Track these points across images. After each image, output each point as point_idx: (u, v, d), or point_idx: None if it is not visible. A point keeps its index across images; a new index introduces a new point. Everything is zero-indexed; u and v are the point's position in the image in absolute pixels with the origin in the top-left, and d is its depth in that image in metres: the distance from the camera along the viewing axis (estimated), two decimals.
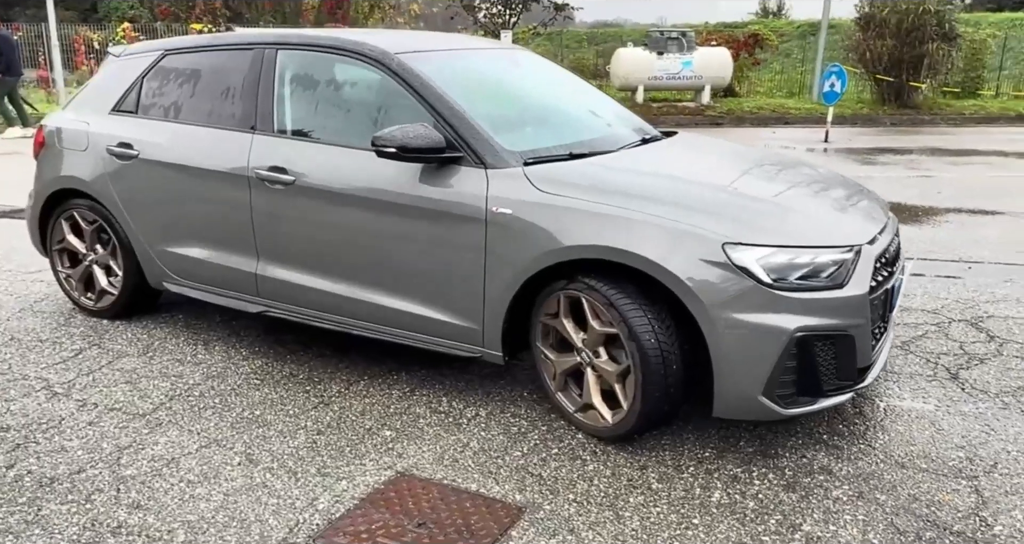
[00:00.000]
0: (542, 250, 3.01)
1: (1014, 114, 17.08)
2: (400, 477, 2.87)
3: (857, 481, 2.84)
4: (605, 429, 3.08)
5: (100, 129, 4.16)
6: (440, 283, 3.30)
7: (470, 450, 3.07)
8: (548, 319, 3.20)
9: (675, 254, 2.80)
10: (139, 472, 2.89)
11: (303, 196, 3.52)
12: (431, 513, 2.66)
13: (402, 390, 3.57)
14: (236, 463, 2.96)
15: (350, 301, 3.53)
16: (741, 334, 2.76)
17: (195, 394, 3.52)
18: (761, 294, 2.74)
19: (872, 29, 16.69)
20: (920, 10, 16.17)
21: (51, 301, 4.72)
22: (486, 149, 3.20)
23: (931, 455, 3.02)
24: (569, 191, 3.04)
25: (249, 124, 3.72)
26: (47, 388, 3.56)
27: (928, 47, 16.33)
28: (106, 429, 3.20)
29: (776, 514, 2.65)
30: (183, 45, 4.10)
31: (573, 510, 2.67)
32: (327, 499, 2.73)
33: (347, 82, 3.72)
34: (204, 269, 3.93)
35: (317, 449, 3.06)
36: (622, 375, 2.96)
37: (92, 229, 4.27)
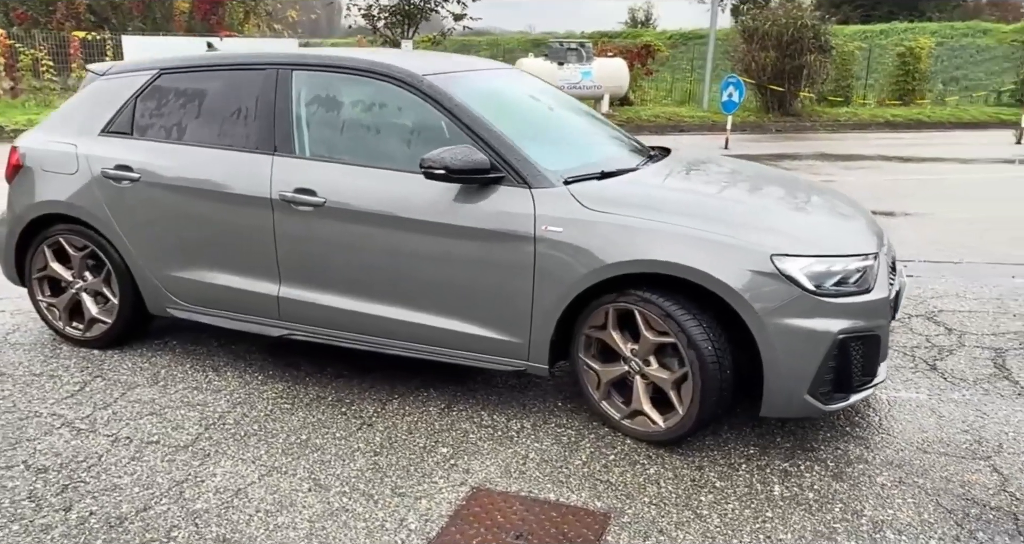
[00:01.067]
0: (596, 266, 3.14)
1: (883, 120, 18.52)
2: (478, 492, 2.94)
3: (893, 468, 3.12)
4: (657, 433, 3.24)
5: (91, 151, 3.99)
6: (483, 300, 3.37)
7: (532, 461, 3.16)
8: (593, 331, 3.33)
9: (728, 266, 3.00)
10: (209, 505, 2.84)
11: (334, 218, 3.51)
12: (522, 525, 2.74)
13: (438, 407, 3.62)
14: (306, 489, 2.95)
15: (384, 320, 3.55)
16: (790, 338, 2.98)
17: (229, 422, 3.45)
18: (807, 301, 2.98)
19: (755, 41, 17.71)
20: (799, 24, 17.29)
21: (24, 332, 4.47)
22: (528, 169, 3.31)
23: (944, 440, 3.35)
24: (617, 208, 3.19)
25: (268, 146, 3.67)
26: (67, 424, 3.40)
27: (807, 59, 17.48)
28: (153, 463, 3.11)
29: (836, 503, 2.89)
30: (181, 64, 3.99)
31: (654, 512, 2.82)
32: (415, 519, 2.77)
33: (374, 104, 3.73)
34: (216, 293, 3.84)
35: (381, 470, 3.08)
36: (677, 382, 3.13)
37: (81, 256, 4.08)
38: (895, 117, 18.70)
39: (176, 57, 4.06)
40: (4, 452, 3.16)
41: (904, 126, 18.41)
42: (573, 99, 4.59)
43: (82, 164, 3.98)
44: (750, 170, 4.18)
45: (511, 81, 4.18)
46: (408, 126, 3.65)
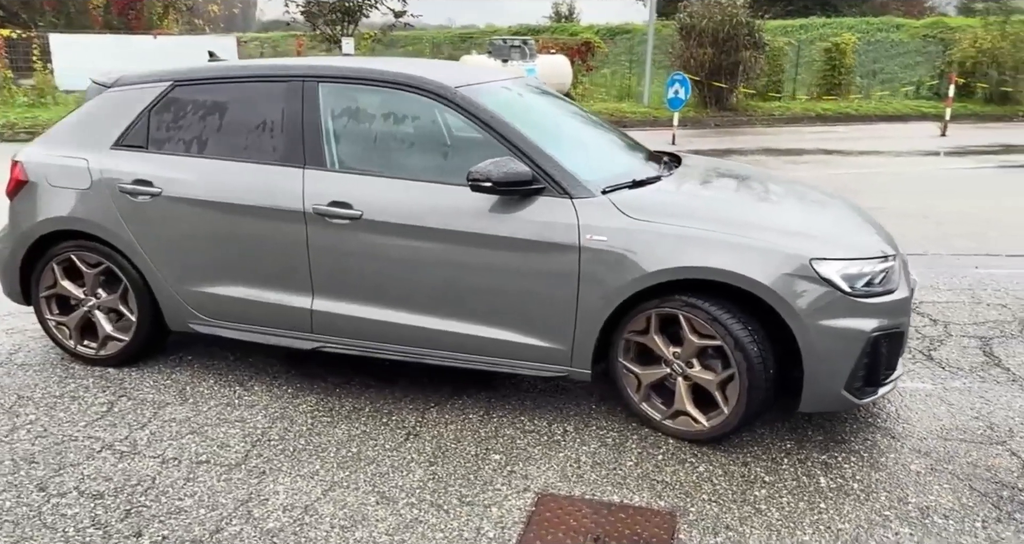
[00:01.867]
0: (641, 273, 3.25)
1: (814, 114, 19.20)
2: (544, 497, 3.02)
3: (922, 456, 3.33)
4: (700, 432, 3.38)
5: (105, 166, 3.89)
6: (525, 308, 3.44)
7: (585, 465, 3.26)
8: (633, 336, 3.45)
9: (771, 271, 3.14)
10: (282, 524, 2.84)
11: (371, 230, 3.53)
12: (596, 528, 2.84)
13: (477, 414, 3.68)
14: (374, 502, 2.98)
15: (424, 331, 3.58)
16: (829, 338, 3.15)
17: (274, 438, 3.44)
18: (843, 302, 3.15)
19: (693, 38, 18.12)
20: (734, 21, 17.77)
21: (28, 352, 4.33)
22: (568, 180, 3.39)
23: (959, 427, 3.58)
24: (658, 217, 3.31)
25: (297, 159, 3.66)
26: (108, 447, 3.34)
27: (742, 55, 17.99)
28: (210, 483, 3.08)
29: (880, 491, 3.07)
30: (197, 76, 3.92)
31: (716, 509, 2.95)
32: (491, 527, 2.84)
33: (406, 116, 3.75)
34: (243, 308, 3.81)
35: (442, 480, 3.13)
36: (723, 383, 3.27)
37: (95, 272, 3.98)
38: (825, 111, 19.41)
39: (190, 68, 4.00)
40: (51, 479, 3.09)
41: (834, 119, 19.11)
42: (577, 106, 4.69)
43: (96, 179, 3.89)
44: (761, 175, 4.35)
45: (524, 90, 4.24)
46: (443, 138, 3.68)
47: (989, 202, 8.78)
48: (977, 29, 22.27)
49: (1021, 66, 20.80)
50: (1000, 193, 9.45)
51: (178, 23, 37.78)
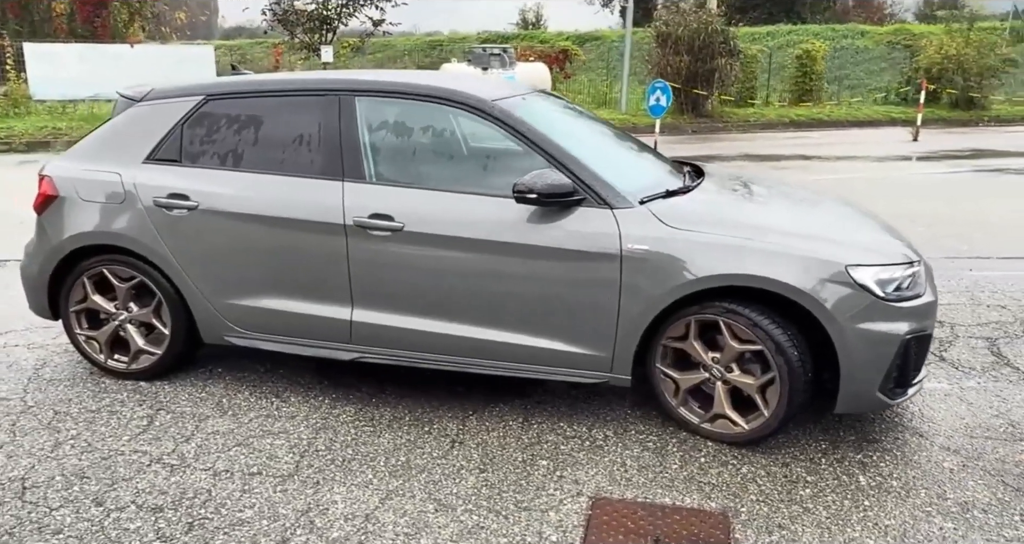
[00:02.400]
0: (682, 280, 3.34)
1: (788, 120, 19.56)
2: (599, 501, 3.10)
3: (951, 453, 3.46)
4: (740, 434, 3.47)
5: (140, 180, 3.90)
6: (566, 317, 3.52)
7: (631, 468, 3.34)
8: (671, 342, 3.54)
9: (808, 277, 3.26)
10: (346, 533, 2.88)
11: (413, 242, 3.58)
12: (654, 530, 2.92)
13: (516, 420, 3.74)
14: (432, 510, 3.03)
15: (464, 340, 3.64)
16: (865, 342, 3.27)
17: (321, 449, 3.47)
18: (878, 306, 3.27)
19: (669, 46, 18.37)
20: (709, 29, 18.05)
21: (55, 367, 4.31)
22: (607, 191, 3.48)
23: (982, 425, 3.72)
24: (697, 226, 3.41)
25: (336, 172, 3.70)
26: (157, 461, 3.35)
27: (718, 62, 18.27)
28: (267, 495, 3.11)
29: (919, 488, 3.19)
30: (230, 90, 3.95)
31: (766, 509, 3.05)
32: (553, 531, 2.90)
33: (444, 129, 3.81)
34: (282, 319, 3.84)
35: (495, 486, 3.19)
36: (763, 386, 3.38)
37: (128, 286, 3.99)
38: (799, 117, 19.78)
39: (222, 82, 4.03)
40: (107, 493, 3.10)
41: (807, 125, 19.49)
42: (596, 116, 4.78)
43: (129, 193, 3.89)
44: (779, 183, 4.48)
45: (547, 102, 4.32)
46: (482, 151, 3.75)
47: (970, 205, 9.04)
48: (942, 36, 22.82)
49: (985, 72, 21.37)
50: (979, 196, 9.73)
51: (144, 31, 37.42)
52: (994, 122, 21.23)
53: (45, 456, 3.38)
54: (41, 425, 3.65)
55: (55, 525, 2.90)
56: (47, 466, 3.30)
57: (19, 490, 3.12)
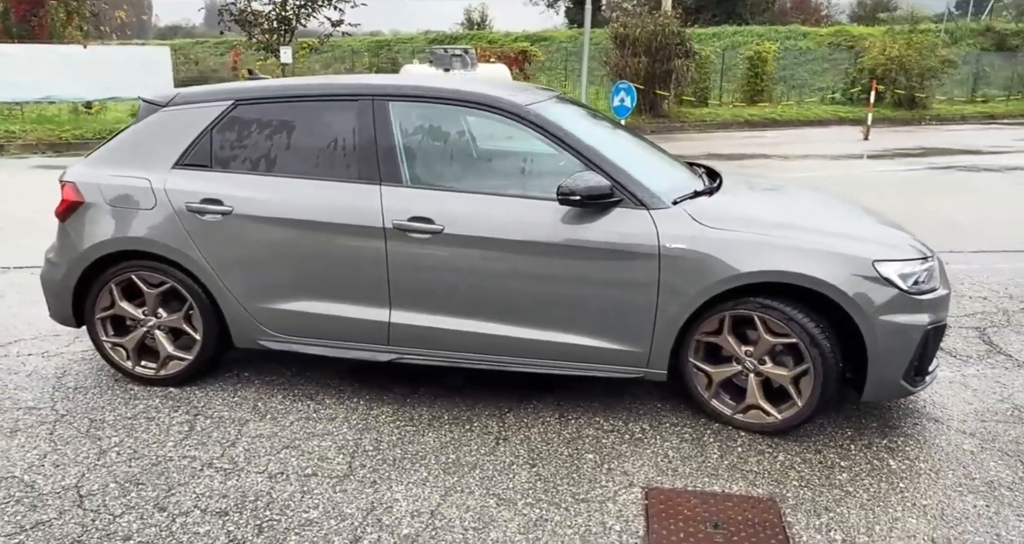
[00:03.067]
0: (719, 277, 3.49)
1: (743, 120, 20.04)
2: (652, 491, 3.22)
3: (968, 436, 3.68)
4: (772, 424, 3.63)
5: (170, 185, 3.89)
6: (605, 315, 3.64)
7: (674, 459, 3.47)
8: (704, 336, 3.68)
9: (840, 273, 3.43)
10: (416, 529, 2.95)
11: (453, 244, 3.66)
12: (709, 517, 3.05)
13: (552, 417, 3.85)
14: (494, 505, 3.11)
15: (503, 339, 3.73)
16: (892, 333, 3.46)
17: (369, 449, 3.53)
18: (903, 299, 3.47)
19: (627, 47, 18.66)
20: (666, 31, 18.39)
21: (76, 376, 4.27)
22: (643, 192, 3.61)
23: (989, 409, 3.95)
24: (732, 225, 3.55)
25: (372, 176, 3.75)
26: (209, 466, 3.36)
27: (674, 63, 18.63)
28: (327, 495, 3.16)
29: (947, 469, 3.39)
30: (259, 95, 3.96)
31: (810, 494, 3.21)
32: (615, 521, 3.02)
33: (479, 134, 3.89)
34: (318, 323, 3.87)
35: (549, 480, 3.29)
36: (796, 377, 3.54)
37: (158, 292, 3.97)
38: (752, 116, 20.28)
39: (251, 86, 4.04)
40: (166, 499, 3.11)
41: (761, 125, 20.00)
42: (611, 119, 4.91)
43: (160, 198, 3.88)
44: (788, 184, 4.67)
45: (568, 107, 4.42)
46: (518, 154, 3.84)
47: (933, 202, 9.44)
48: (884, 38, 23.62)
49: (927, 73, 22.19)
50: (938, 193, 10.16)
51: (82, 31, 36.43)
52: (935, 121, 22.09)
53: (93, 464, 3.36)
54: (80, 433, 3.62)
55: (122, 532, 2.90)
56: (98, 474, 3.29)
57: (76, 498, 3.10)
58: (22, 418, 3.76)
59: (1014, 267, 6.50)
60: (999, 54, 29.88)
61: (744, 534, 2.93)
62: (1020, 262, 6.63)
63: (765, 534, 2.93)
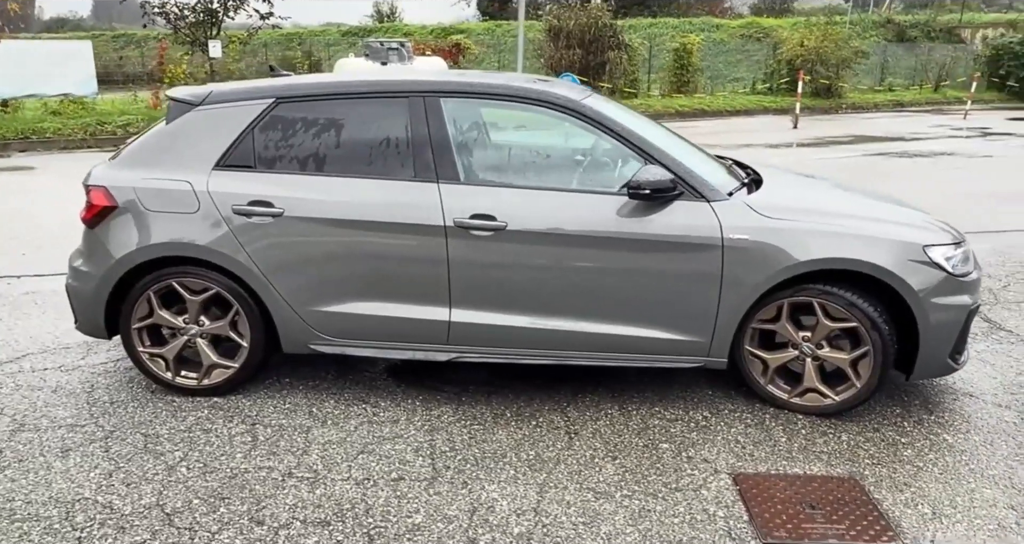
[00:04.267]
0: (782, 266, 3.59)
1: (673, 110, 20.45)
2: (739, 476, 3.30)
3: (1004, 409, 3.90)
4: (829, 406, 3.77)
5: (214, 187, 3.75)
6: (668, 306, 3.70)
7: (746, 445, 3.56)
8: (760, 324, 3.79)
9: (896, 258, 3.58)
10: (526, 528, 2.95)
11: (516, 240, 3.65)
12: (802, 498, 3.15)
13: (613, 409, 3.89)
14: (592, 498, 3.14)
15: (567, 334, 3.75)
16: (941, 313, 3.63)
17: (445, 449, 3.49)
18: (949, 281, 3.65)
19: (561, 39, 18.80)
20: (599, 23, 18.62)
21: (107, 390, 4.07)
22: (702, 185, 3.68)
23: (1014, 382, 4.20)
24: (790, 215, 3.66)
25: (429, 174, 3.70)
26: (290, 475, 3.27)
27: (608, 55, 18.88)
28: (424, 498, 3.12)
29: (999, 441, 3.59)
30: (301, 93, 3.85)
31: (884, 470, 3.35)
32: (716, 506, 3.08)
33: (544, 131, 3.88)
34: (375, 324, 3.80)
35: (635, 471, 3.33)
36: (855, 360, 3.68)
37: (201, 299, 3.82)
38: (683, 107, 20.73)
39: (291, 84, 3.93)
40: (260, 512, 3.01)
41: (691, 115, 20.47)
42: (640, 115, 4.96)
43: (204, 201, 3.74)
44: (813, 175, 4.82)
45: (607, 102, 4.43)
46: (573, 149, 3.85)
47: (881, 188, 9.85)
48: (794, 30, 24.49)
49: (842, 63, 23.12)
50: (881, 178, 10.62)
51: None
52: (850, 109, 23.07)
53: (165, 480, 3.23)
54: (138, 449, 3.46)
55: None
56: (176, 490, 3.15)
57: (163, 517, 2.97)
58: (68, 436, 3.57)
59: (982, 247, 6.87)
60: (900, 45, 31.35)
61: (841, 513, 3.04)
62: (987, 242, 7.02)
63: (860, 512, 3.05)
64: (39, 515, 2.98)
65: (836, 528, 2.95)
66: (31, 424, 3.68)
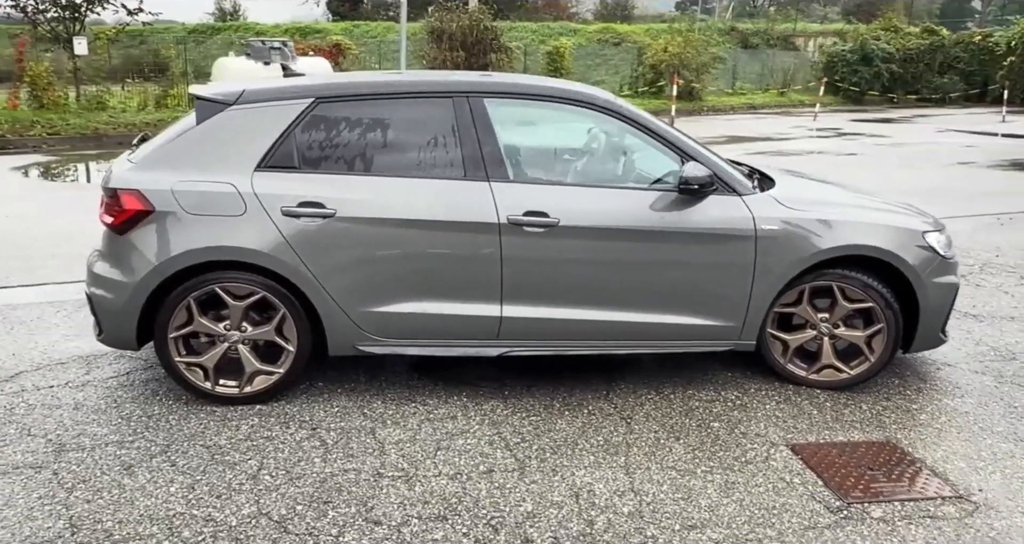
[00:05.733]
0: (808, 253, 3.93)
1: None
2: (796, 446, 3.59)
3: (982, 375, 4.42)
4: (845, 380, 4.15)
5: (260, 189, 3.66)
6: (706, 293, 3.95)
7: (786, 419, 3.87)
8: (782, 308, 4.12)
9: (903, 244, 4.01)
10: (634, 507, 3.09)
11: (567, 236, 3.79)
12: (858, 461, 3.48)
13: (650, 395, 4.10)
14: (679, 476, 3.33)
15: (613, 324, 3.93)
16: (936, 291, 4.09)
17: (517, 441, 3.58)
18: (942, 263, 4.12)
19: (444, 42, 18.91)
20: (481, 26, 18.88)
21: (133, 403, 3.87)
22: (733, 180, 3.97)
23: (977, 352, 4.75)
24: (811, 207, 4.01)
25: (479, 173, 3.78)
26: (381, 476, 3.26)
27: (490, 57, 19.17)
28: (524, 487, 3.20)
29: (991, 402, 4.08)
30: (342, 93, 3.82)
31: (913, 434, 3.75)
32: (789, 475, 3.35)
33: (576, 129, 4.03)
34: (426, 323, 3.83)
35: (702, 449, 3.56)
36: (869, 337, 4.08)
37: (245, 304, 3.72)
38: None
39: (331, 83, 3.90)
40: (370, 513, 3.00)
41: None
42: None
43: (251, 203, 3.64)
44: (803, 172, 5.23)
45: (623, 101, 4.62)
46: (613, 147, 4.03)
47: None
48: (662, 35, 25.76)
49: (702, 68, 24.51)
50: None
51: None
52: (711, 111, 24.50)
53: (255, 489, 3.14)
54: (206, 460, 3.34)
55: None
56: (271, 498, 3.08)
57: (275, 525, 2.91)
58: (122, 453, 3.39)
59: None
60: (744, 51, 33.54)
61: (897, 472, 3.39)
62: None
63: (912, 470, 3.41)
64: (140, 534, 2.84)
65: (899, 486, 3.29)
66: (72, 444, 3.46)
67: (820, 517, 3.06)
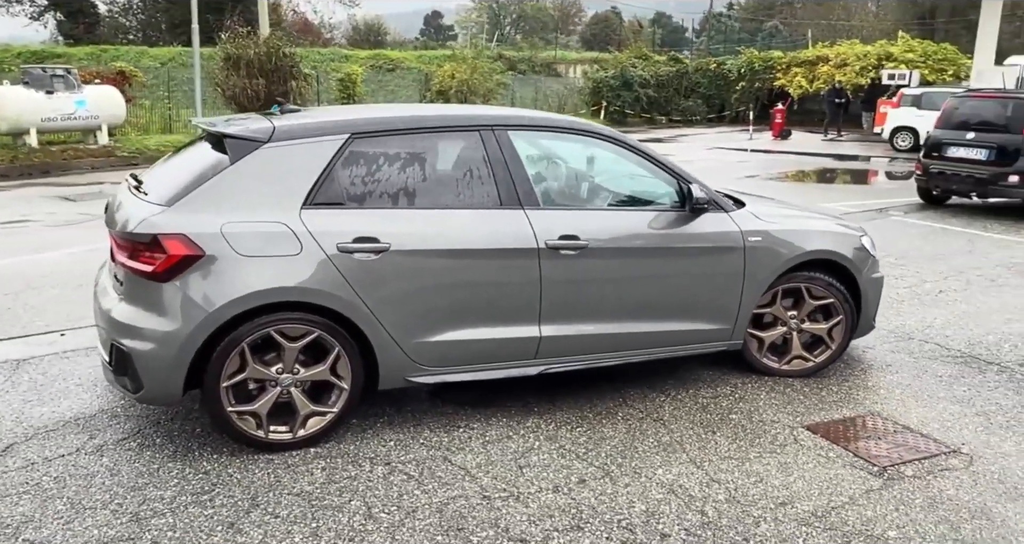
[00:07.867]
0: (785, 259, 4.54)
1: None
2: (811, 426, 4.14)
3: (897, 354, 5.29)
4: (811, 368, 4.81)
5: (313, 227, 3.59)
6: (707, 300, 4.43)
7: (784, 404, 4.41)
8: (759, 309, 4.71)
9: (849, 248, 4.75)
10: (729, 494, 3.46)
11: (595, 256, 4.10)
12: (866, 433, 4.10)
13: (659, 398, 4.49)
14: (738, 465, 3.73)
15: (633, 335, 4.29)
16: (871, 285, 4.89)
17: (582, 452, 3.81)
18: (873, 261, 4.93)
19: (242, 69, 18.22)
20: (279, 52, 18.44)
21: (175, 461, 3.61)
22: (720, 199, 4.50)
23: (882, 335, 5.65)
24: (779, 221, 4.64)
25: (513, 201, 3.97)
26: (486, 498, 3.35)
27: (291, 84, 18.76)
28: (622, 491, 3.45)
29: (926, 376, 4.91)
30: (375, 128, 3.85)
31: (888, 406, 4.44)
32: (821, 451, 3.88)
33: (593, 158, 4.34)
34: (473, 349, 3.95)
35: (740, 440, 3.99)
36: (831, 328, 4.77)
37: (300, 345, 3.64)
38: None
39: (363, 119, 3.92)
40: (508, 532, 3.11)
41: None
42: None
43: (306, 242, 3.58)
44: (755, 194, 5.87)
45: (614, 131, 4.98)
46: (620, 174, 4.40)
47: None
48: (448, 62, 26.56)
49: (489, 94, 25.55)
50: None
51: None
52: None
53: (381, 529, 3.12)
54: (307, 508, 3.24)
55: None
56: (404, 533, 3.08)
57: None
58: (211, 513, 3.19)
59: None
60: (514, 76, 35.33)
61: (901, 439, 4.04)
62: None
63: (909, 435, 4.08)
64: None
65: (907, 448, 3.93)
66: (144, 511, 3.20)
67: (871, 481, 3.60)
